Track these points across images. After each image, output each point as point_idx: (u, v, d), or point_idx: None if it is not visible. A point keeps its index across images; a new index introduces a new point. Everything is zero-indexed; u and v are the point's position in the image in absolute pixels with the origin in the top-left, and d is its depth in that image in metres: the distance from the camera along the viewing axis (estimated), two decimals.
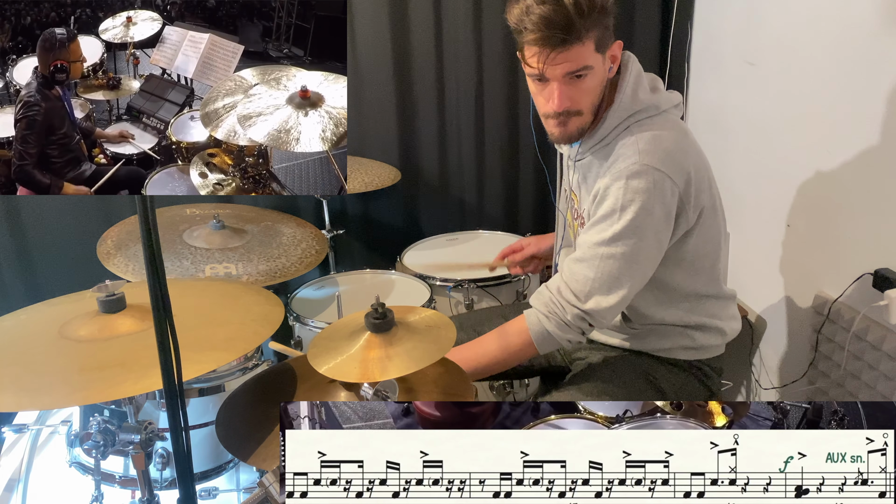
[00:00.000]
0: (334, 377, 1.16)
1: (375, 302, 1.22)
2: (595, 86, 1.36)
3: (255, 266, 1.72)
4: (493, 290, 2.01)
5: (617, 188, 1.34)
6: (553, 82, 1.33)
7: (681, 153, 1.37)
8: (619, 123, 1.39)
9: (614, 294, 1.37)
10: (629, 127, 1.39)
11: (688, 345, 1.52)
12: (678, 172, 1.35)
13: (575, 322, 1.39)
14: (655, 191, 1.33)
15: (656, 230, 1.36)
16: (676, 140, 1.38)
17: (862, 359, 1.70)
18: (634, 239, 1.34)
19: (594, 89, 1.36)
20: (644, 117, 1.40)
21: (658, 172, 1.33)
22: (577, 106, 1.36)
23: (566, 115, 1.36)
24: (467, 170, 2.54)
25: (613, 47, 1.37)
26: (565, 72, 1.31)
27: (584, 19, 1.26)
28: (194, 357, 1.10)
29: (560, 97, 1.34)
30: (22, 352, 1.18)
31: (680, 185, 1.35)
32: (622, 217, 1.33)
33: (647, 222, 1.34)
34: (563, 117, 1.37)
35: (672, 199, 1.36)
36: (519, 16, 1.29)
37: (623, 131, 1.39)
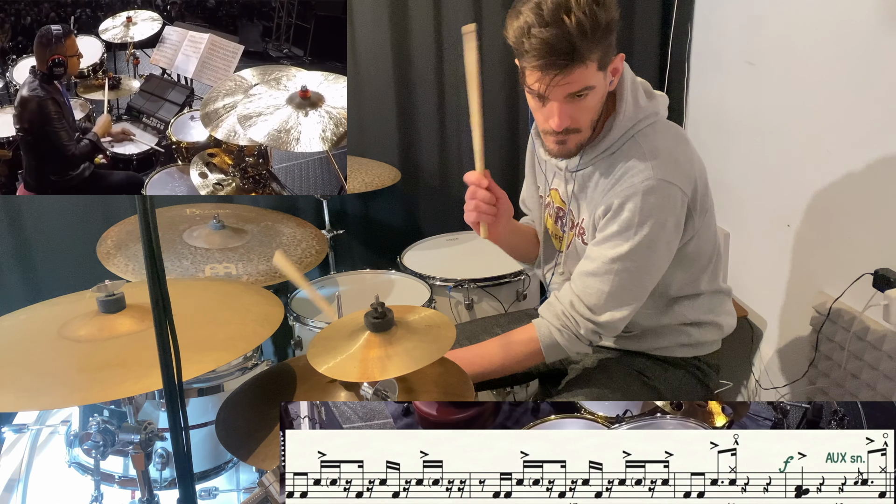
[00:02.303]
0: (334, 377, 1.16)
1: (375, 301, 1.22)
2: (596, 103, 1.33)
3: (255, 266, 1.71)
4: (493, 290, 2.01)
5: (633, 204, 1.33)
6: (553, 102, 1.30)
7: (688, 162, 1.38)
8: (623, 134, 1.38)
9: (627, 307, 1.38)
10: (634, 137, 1.38)
11: (684, 342, 1.52)
12: (687, 182, 1.36)
13: (587, 335, 1.40)
14: (669, 204, 1.33)
15: (668, 241, 1.37)
16: (681, 148, 1.39)
17: (862, 359, 1.70)
18: (648, 253, 1.35)
19: (595, 107, 1.34)
20: (646, 125, 1.39)
21: (672, 186, 1.33)
22: (577, 124, 1.33)
23: (566, 132, 1.34)
24: (467, 170, 2.52)
25: (615, 61, 1.33)
26: (566, 93, 1.27)
27: (588, 41, 1.20)
28: (194, 357, 1.10)
29: (560, 117, 1.30)
30: (22, 352, 1.18)
31: (689, 193, 1.36)
32: (638, 233, 1.33)
33: (661, 235, 1.34)
34: (563, 135, 1.35)
35: (682, 210, 1.36)
36: (518, 36, 1.23)
37: (628, 141, 1.38)
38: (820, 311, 1.81)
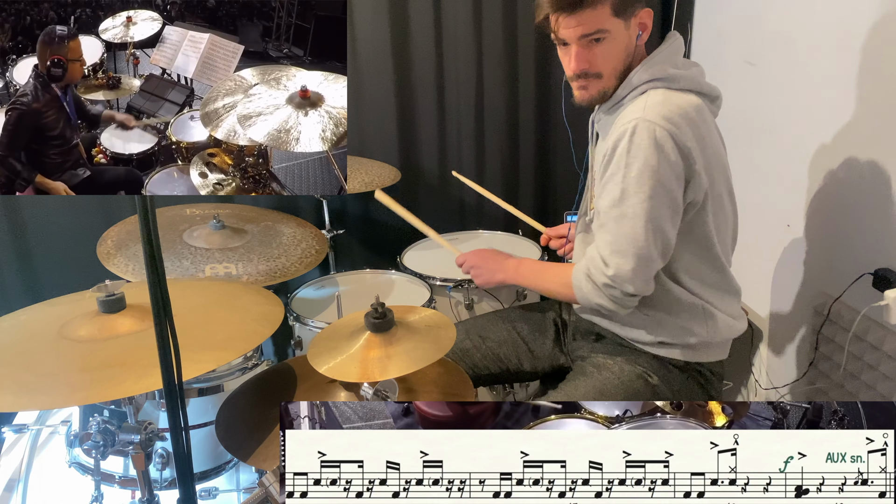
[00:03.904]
0: (334, 377, 1.16)
1: (375, 302, 1.22)
2: (615, 50, 1.37)
3: (255, 266, 1.71)
4: (493, 290, 2.00)
5: (622, 147, 1.34)
6: (572, 45, 1.37)
7: (686, 119, 1.35)
8: (637, 86, 1.40)
9: (633, 256, 1.35)
10: (646, 91, 1.39)
11: (690, 342, 1.50)
12: (681, 134, 1.33)
13: (606, 291, 1.38)
14: (656, 146, 1.31)
15: (665, 187, 1.34)
16: (686, 108, 1.36)
17: (862, 359, 1.69)
18: (641, 195, 1.33)
19: (614, 54, 1.38)
20: (662, 86, 1.39)
21: (660, 129, 1.32)
22: (596, 69, 1.38)
23: (585, 77, 1.39)
24: (467, 169, 2.54)
25: (641, 14, 1.39)
26: (579, 35, 1.34)
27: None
28: (194, 357, 1.10)
29: (577, 59, 1.37)
30: (22, 352, 1.18)
31: (682, 146, 1.33)
32: (627, 174, 1.33)
33: (652, 177, 1.32)
34: (583, 80, 1.40)
35: (676, 159, 1.33)
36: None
37: (639, 95, 1.40)
38: (820, 312, 1.81)
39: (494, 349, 1.69)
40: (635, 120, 1.33)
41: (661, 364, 1.52)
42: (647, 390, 1.50)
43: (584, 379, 1.52)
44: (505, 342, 1.70)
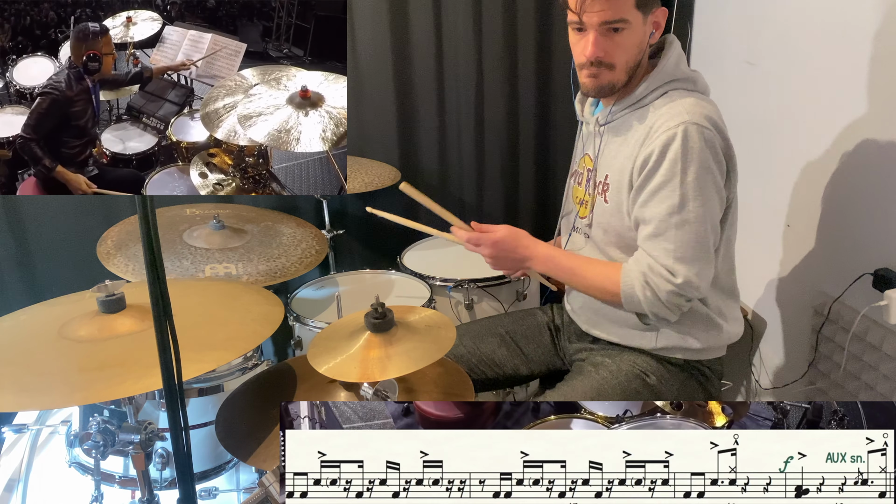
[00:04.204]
0: (334, 377, 1.16)
1: (375, 302, 1.22)
2: (631, 43, 1.38)
3: (255, 266, 1.71)
4: (493, 290, 2.01)
5: (674, 150, 1.33)
6: (590, 32, 1.36)
7: (721, 120, 1.40)
8: (658, 87, 1.41)
9: (697, 262, 1.36)
10: (667, 92, 1.41)
11: (690, 345, 1.50)
12: (722, 135, 1.37)
13: (669, 299, 1.36)
14: (708, 148, 1.34)
15: (718, 187, 1.38)
16: (715, 111, 1.40)
17: (862, 359, 1.69)
18: (701, 198, 1.34)
19: (630, 46, 1.38)
20: (681, 87, 1.41)
21: (708, 130, 1.34)
22: (610, 59, 1.38)
23: (598, 65, 1.38)
24: (467, 170, 2.54)
25: (657, 13, 1.40)
26: (601, 20, 1.33)
27: None
28: (194, 357, 1.10)
29: (594, 45, 1.36)
30: (22, 352, 1.18)
31: (724, 146, 1.38)
32: (684, 180, 1.33)
33: (709, 179, 1.35)
34: (595, 68, 1.39)
35: (721, 160, 1.37)
36: None
37: (661, 96, 1.41)
38: (820, 312, 1.81)
39: (489, 354, 1.69)
40: (683, 123, 1.33)
41: (660, 363, 1.52)
42: (645, 389, 1.50)
43: (581, 378, 1.52)
44: (500, 347, 1.70)
